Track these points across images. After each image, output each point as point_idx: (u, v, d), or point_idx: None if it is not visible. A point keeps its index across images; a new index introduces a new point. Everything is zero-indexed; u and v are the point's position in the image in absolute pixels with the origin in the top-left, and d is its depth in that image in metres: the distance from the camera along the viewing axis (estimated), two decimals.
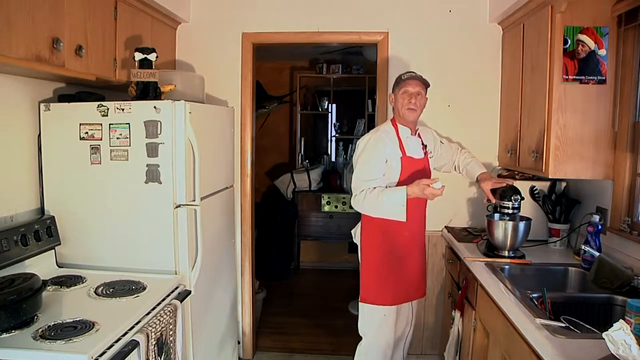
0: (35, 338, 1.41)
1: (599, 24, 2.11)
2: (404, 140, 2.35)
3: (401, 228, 2.32)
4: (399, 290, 2.37)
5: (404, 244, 2.36)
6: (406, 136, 2.37)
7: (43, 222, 1.99)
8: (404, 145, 2.34)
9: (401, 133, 2.37)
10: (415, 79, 2.30)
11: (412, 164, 2.34)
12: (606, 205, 2.25)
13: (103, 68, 2.11)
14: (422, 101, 2.33)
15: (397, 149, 2.32)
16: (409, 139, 2.37)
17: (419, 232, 2.45)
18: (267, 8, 2.98)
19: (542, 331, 1.45)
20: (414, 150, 2.38)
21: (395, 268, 2.36)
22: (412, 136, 2.40)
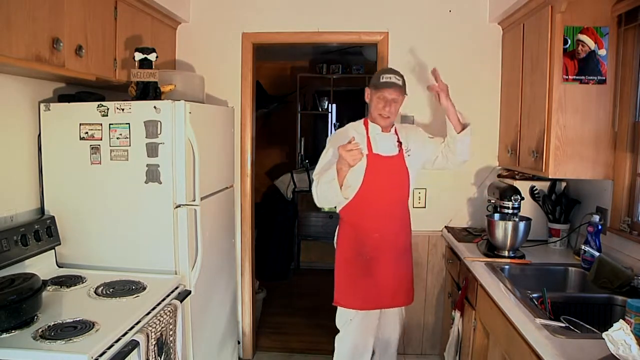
0: (35, 338, 1.41)
1: (599, 24, 2.11)
2: (372, 138, 2.27)
3: (370, 229, 2.26)
4: (369, 294, 2.28)
5: (374, 245, 2.26)
6: (376, 133, 2.28)
7: (43, 222, 1.99)
8: (372, 143, 2.26)
9: (371, 131, 2.29)
10: (394, 86, 2.18)
11: (379, 162, 2.24)
12: (606, 205, 2.25)
13: (103, 68, 2.11)
14: (397, 107, 2.24)
15: (364, 145, 2.21)
16: (379, 136, 2.28)
17: (393, 234, 2.31)
18: (267, 8, 2.98)
19: (542, 331, 1.45)
20: (385, 147, 2.27)
21: (364, 271, 2.27)
22: (384, 133, 2.29)
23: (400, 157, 2.29)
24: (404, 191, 2.32)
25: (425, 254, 3.04)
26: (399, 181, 2.29)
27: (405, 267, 2.37)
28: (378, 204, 2.24)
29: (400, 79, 2.20)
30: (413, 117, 2.98)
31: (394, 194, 2.30)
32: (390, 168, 2.26)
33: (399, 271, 2.33)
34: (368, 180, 2.22)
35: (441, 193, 3.01)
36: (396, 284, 2.32)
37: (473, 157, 2.97)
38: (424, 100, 2.97)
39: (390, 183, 2.27)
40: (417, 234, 3.01)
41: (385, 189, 2.26)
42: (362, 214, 2.27)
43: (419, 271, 3.05)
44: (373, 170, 2.22)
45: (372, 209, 2.26)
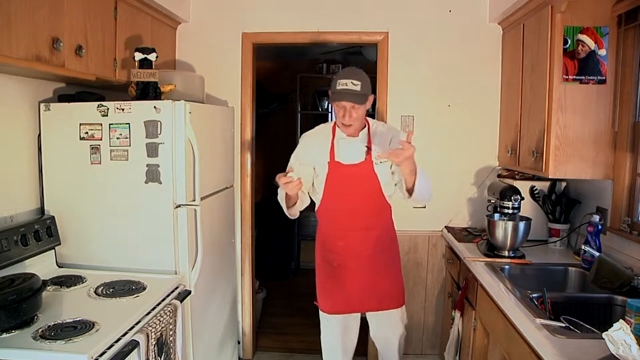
0: (35, 338, 1.41)
1: (599, 24, 2.11)
2: (337, 144, 2.14)
3: (335, 237, 2.22)
4: (337, 300, 2.25)
5: (340, 253, 2.21)
6: (340, 138, 2.14)
7: (43, 222, 1.99)
8: (335, 149, 2.13)
9: (336, 136, 2.16)
10: (348, 96, 1.98)
11: (341, 171, 2.12)
12: (606, 205, 2.25)
13: (103, 68, 2.11)
14: (360, 112, 2.05)
15: (326, 152, 2.13)
16: (342, 142, 2.13)
17: (359, 243, 2.20)
18: (267, 8, 2.98)
19: (542, 331, 1.45)
20: (349, 154, 2.12)
21: (331, 277, 2.25)
22: (350, 138, 2.14)
23: (368, 164, 2.12)
24: (372, 200, 2.17)
25: (425, 254, 3.04)
26: (365, 190, 2.15)
27: (381, 272, 2.25)
28: (341, 212, 2.18)
29: (358, 84, 1.98)
30: (413, 117, 2.98)
31: (357, 203, 2.16)
32: (353, 176, 2.13)
33: (372, 277, 2.23)
34: (328, 189, 2.15)
35: (441, 193, 3.01)
36: (369, 289, 2.23)
37: (473, 157, 2.99)
38: (424, 100, 2.97)
39: (353, 192, 2.14)
40: (417, 234, 3.02)
41: (346, 198, 2.15)
42: (328, 221, 2.25)
43: (419, 271, 3.05)
44: (333, 178, 2.13)
45: (335, 217, 2.21)
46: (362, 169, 2.12)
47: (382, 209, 2.23)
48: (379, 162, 2.11)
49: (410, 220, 3.00)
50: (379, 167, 2.13)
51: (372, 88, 2.09)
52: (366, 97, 2.02)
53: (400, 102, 2.98)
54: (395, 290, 2.31)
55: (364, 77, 2.02)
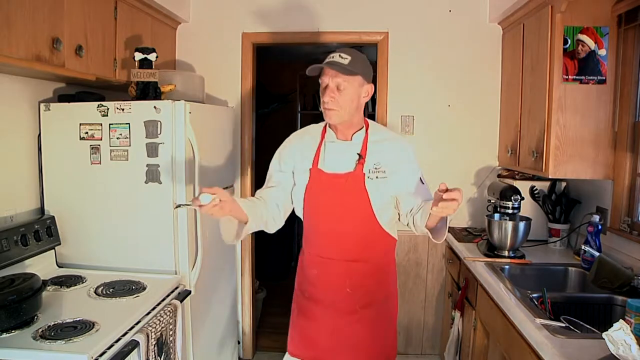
0: (35, 338, 1.41)
1: (599, 24, 2.11)
2: (324, 147, 1.74)
3: (310, 262, 1.79)
4: (303, 340, 1.81)
5: (313, 284, 1.78)
6: (330, 141, 1.74)
7: (43, 222, 1.99)
8: (321, 154, 1.73)
9: (327, 137, 1.76)
10: (334, 67, 1.60)
11: (322, 180, 1.70)
12: (606, 205, 2.25)
13: (103, 68, 2.11)
14: (348, 96, 1.62)
15: (310, 156, 1.74)
16: (332, 145, 1.73)
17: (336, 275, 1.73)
18: (267, 8, 2.98)
19: (542, 331, 1.45)
20: (335, 161, 1.70)
21: (302, 311, 1.83)
22: (340, 141, 1.72)
23: (357, 177, 1.67)
24: (360, 224, 1.69)
25: (425, 254, 3.04)
26: (351, 209, 1.68)
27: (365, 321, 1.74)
28: (318, 233, 1.75)
29: (347, 58, 1.60)
30: (413, 117, 2.98)
31: (340, 224, 1.69)
32: (335, 189, 1.68)
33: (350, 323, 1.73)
34: (308, 203, 1.73)
35: None
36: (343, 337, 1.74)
37: (473, 157, 2.99)
38: (424, 100, 2.97)
39: (335, 210, 1.69)
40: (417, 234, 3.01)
41: (326, 216, 1.71)
42: (306, 242, 1.83)
43: (419, 271, 3.05)
44: (312, 189, 1.72)
45: (313, 238, 1.78)
46: (348, 182, 1.67)
47: (376, 239, 1.73)
48: (375, 177, 1.67)
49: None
50: (373, 183, 1.67)
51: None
52: (354, 74, 1.61)
53: (400, 102, 2.98)
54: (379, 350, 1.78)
55: (358, 55, 1.65)
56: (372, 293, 1.75)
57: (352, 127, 1.72)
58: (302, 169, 1.75)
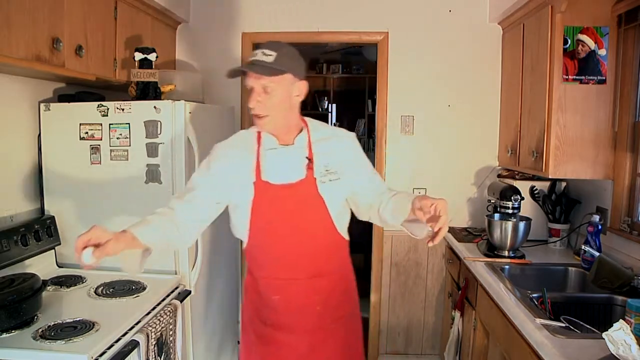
0: (35, 338, 1.41)
1: (599, 24, 2.11)
2: (264, 156, 1.53)
3: (268, 288, 1.59)
4: None
5: (276, 309, 1.58)
6: (270, 148, 1.53)
7: (43, 222, 1.99)
8: (262, 164, 1.52)
9: (264, 144, 1.54)
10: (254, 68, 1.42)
11: (271, 194, 1.50)
12: (606, 205, 2.25)
13: (103, 68, 2.11)
14: (277, 98, 1.44)
15: (250, 169, 1.51)
16: (273, 153, 1.52)
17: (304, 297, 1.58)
18: (267, 8, 2.98)
19: (542, 331, 1.45)
20: (280, 169, 1.51)
21: (263, 340, 1.62)
22: (282, 147, 1.53)
23: (309, 184, 1.51)
24: (321, 234, 1.55)
25: (425, 253, 3.04)
26: (309, 220, 1.53)
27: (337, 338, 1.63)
28: (275, 254, 1.55)
29: (271, 55, 1.42)
30: (413, 117, 2.98)
31: (299, 240, 1.53)
32: (288, 201, 1.50)
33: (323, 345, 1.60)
34: (256, 221, 1.52)
35: (441, 193, 2.99)
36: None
37: (473, 157, 2.99)
38: (424, 100, 2.97)
39: (291, 224, 1.52)
40: None
41: (282, 233, 1.52)
42: (258, 265, 1.61)
43: (419, 271, 3.05)
44: (260, 206, 1.50)
45: (268, 260, 1.58)
46: (301, 191, 1.50)
47: (336, 248, 1.61)
48: (327, 180, 1.51)
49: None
50: (326, 187, 1.52)
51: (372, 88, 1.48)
52: (281, 73, 1.43)
53: (400, 102, 2.98)
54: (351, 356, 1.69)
55: (285, 49, 1.47)
56: (341, 305, 1.65)
57: (291, 130, 1.55)
58: (240, 184, 1.51)
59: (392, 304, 3.08)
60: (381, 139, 3.01)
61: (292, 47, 1.51)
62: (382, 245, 3.04)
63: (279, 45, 1.48)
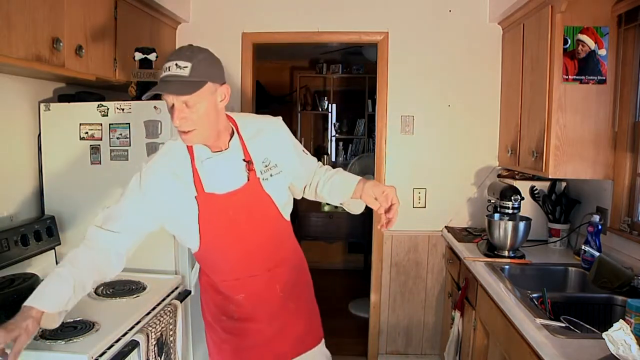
0: (35, 338, 1.41)
1: (599, 24, 2.11)
2: (201, 167, 1.47)
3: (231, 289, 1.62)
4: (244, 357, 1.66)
5: (242, 304, 1.63)
6: (205, 158, 1.47)
7: (43, 222, 1.99)
8: (201, 175, 1.46)
9: (197, 155, 1.47)
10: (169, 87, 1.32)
11: (218, 205, 1.46)
12: (606, 205, 2.25)
13: (103, 68, 2.11)
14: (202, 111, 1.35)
15: (188, 184, 1.45)
16: (209, 162, 1.47)
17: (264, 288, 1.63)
18: (267, 8, 2.98)
19: (542, 331, 1.45)
20: (221, 177, 1.47)
21: (232, 333, 1.65)
22: (217, 153, 1.47)
23: (254, 185, 1.50)
24: (271, 228, 1.59)
25: (425, 254, 3.04)
26: (260, 219, 1.54)
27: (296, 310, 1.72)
28: (231, 259, 1.57)
29: (187, 66, 1.34)
30: (413, 117, 2.98)
31: (253, 241, 1.55)
32: (238, 207, 1.49)
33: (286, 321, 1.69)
34: (206, 234, 1.48)
35: (441, 193, 3.01)
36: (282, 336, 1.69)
37: (473, 157, 2.99)
38: (424, 100, 2.97)
39: (243, 228, 1.51)
40: (417, 234, 3.02)
41: (236, 239, 1.52)
42: (215, 270, 1.63)
43: (419, 271, 3.05)
44: (209, 218, 1.47)
45: (225, 265, 1.59)
46: (248, 193, 1.49)
47: (284, 235, 1.67)
48: (269, 176, 1.52)
49: (410, 220, 3.01)
50: (271, 183, 1.53)
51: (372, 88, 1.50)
52: (201, 84, 1.34)
53: (400, 102, 2.98)
54: (315, 322, 1.81)
55: (199, 55, 1.40)
56: (298, 283, 1.74)
57: (222, 135, 1.47)
58: (180, 202, 1.45)
59: (392, 304, 3.09)
60: (381, 139, 3.01)
61: (206, 50, 1.45)
62: (382, 245, 3.04)
63: (192, 52, 1.39)
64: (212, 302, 1.67)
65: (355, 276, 4.95)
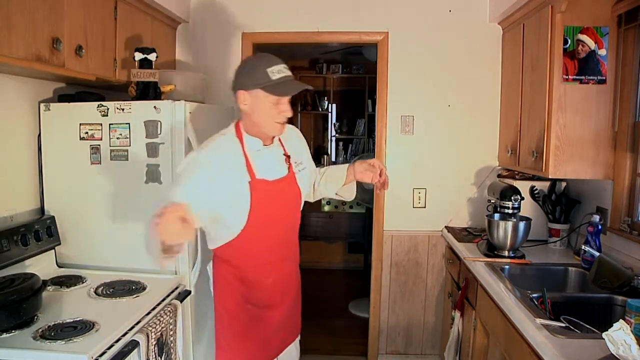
0: (35, 338, 1.41)
1: (599, 24, 2.11)
2: (252, 156, 1.66)
3: (261, 274, 1.73)
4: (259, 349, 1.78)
5: (268, 292, 1.75)
6: (256, 150, 1.67)
7: (43, 222, 1.99)
8: (252, 164, 1.65)
9: (249, 147, 1.66)
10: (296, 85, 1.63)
11: (267, 191, 1.65)
12: (606, 205, 2.25)
13: (103, 68, 2.11)
14: None
15: (243, 170, 1.63)
16: (260, 153, 1.67)
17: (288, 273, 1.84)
18: (267, 8, 2.98)
19: (542, 331, 1.45)
20: (270, 167, 1.68)
21: (254, 323, 1.76)
22: (266, 147, 1.70)
23: (291, 177, 1.73)
24: (298, 218, 1.83)
25: (425, 254, 3.04)
26: (292, 209, 1.77)
27: (296, 302, 1.92)
28: (269, 243, 1.72)
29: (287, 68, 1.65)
30: (413, 117, 2.98)
31: (287, 227, 1.78)
32: (281, 194, 1.70)
33: (291, 310, 1.88)
34: (255, 217, 1.63)
35: (441, 193, 3.01)
36: (288, 324, 1.87)
37: (473, 157, 2.99)
38: (424, 100, 2.97)
39: (281, 214, 1.73)
40: (417, 234, 3.02)
41: (276, 224, 1.71)
42: (248, 256, 1.72)
43: (419, 271, 3.05)
44: (260, 202, 1.63)
45: (261, 250, 1.72)
46: (287, 183, 1.72)
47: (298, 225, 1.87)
48: (298, 171, 1.76)
49: (410, 220, 3.01)
50: (301, 177, 1.77)
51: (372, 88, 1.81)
52: None
53: (400, 102, 2.98)
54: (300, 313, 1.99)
55: None
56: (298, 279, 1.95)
57: None
58: (236, 186, 1.61)
59: (392, 304, 3.09)
60: (381, 139, 3.01)
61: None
62: (382, 245, 3.04)
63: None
64: (237, 293, 1.74)
65: (355, 276, 4.94)
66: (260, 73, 1.57)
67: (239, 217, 1.63)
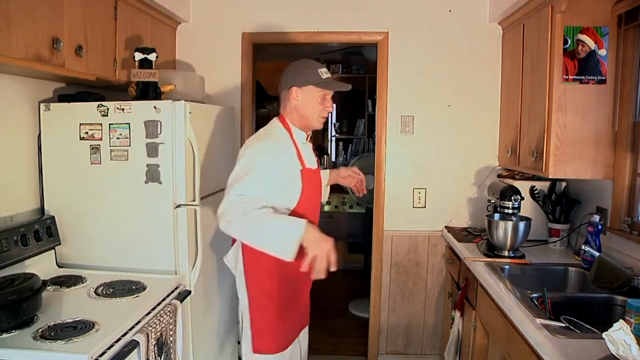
0: (35, 338, 1.41)
1: (599, 24, 2.11)
2: (300, 148, 1.92)
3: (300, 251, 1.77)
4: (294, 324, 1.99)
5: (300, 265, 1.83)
6: (302, 142, 1.93)
7: (43, 222, 1.99)
8: (302, 154, 1.91)
9: (296, 138, 1.92)
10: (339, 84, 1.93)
11: (312, 179, 1.92)
12: (606, 205, 2.25)
13: (103, 68, 2.11)
14: None
15: (296, 159, 1.88)
16: (304, 147, 1.95)
17: None
18: (267, 8, 2.98)
19: (542, 331, 1.45)
20: (310, 160, 1.96)
21: (292, 298, 1.96)
22: (307, 142, 1.98)
23: (319, 171, 2.03)
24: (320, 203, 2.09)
25: (425, 254, 3.04)
26: (319, 195, 2.05)
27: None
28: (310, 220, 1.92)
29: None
30: (413, 117, 2.98)
31: (317, 210, 2.04)
32: (319, 184, 2.01)
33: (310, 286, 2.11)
34: (304, 202, 1.88)
35: (441, 193, 3.01)
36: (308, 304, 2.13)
37: (473, 157, 3.00)
38: (424, 100, 2.97)
39: (318, 199, 2.03)
40: (417, 234, 3.02)
41: (315, 210, 2.00)
42: None
43: (419, 271, 3.05)
44: (308, 189, 1.89)
45: None
46: (319, 175, 2.01)
47: None
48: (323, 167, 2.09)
49: (410, 220, 3.01)
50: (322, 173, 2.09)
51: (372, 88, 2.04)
52: None
53: (400, 102, 2.98)
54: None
55: None
56: None
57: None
58: (291, 174, 1.85)
59: (392, 304, 3.09)
60: (381, 139, 3.01)
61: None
62: (382, 245, 3.04)
63: None
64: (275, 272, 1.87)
65: (355, 276, 4.94)
66: (312, 72, 1.86)
67: (289, 200, 1.84)
